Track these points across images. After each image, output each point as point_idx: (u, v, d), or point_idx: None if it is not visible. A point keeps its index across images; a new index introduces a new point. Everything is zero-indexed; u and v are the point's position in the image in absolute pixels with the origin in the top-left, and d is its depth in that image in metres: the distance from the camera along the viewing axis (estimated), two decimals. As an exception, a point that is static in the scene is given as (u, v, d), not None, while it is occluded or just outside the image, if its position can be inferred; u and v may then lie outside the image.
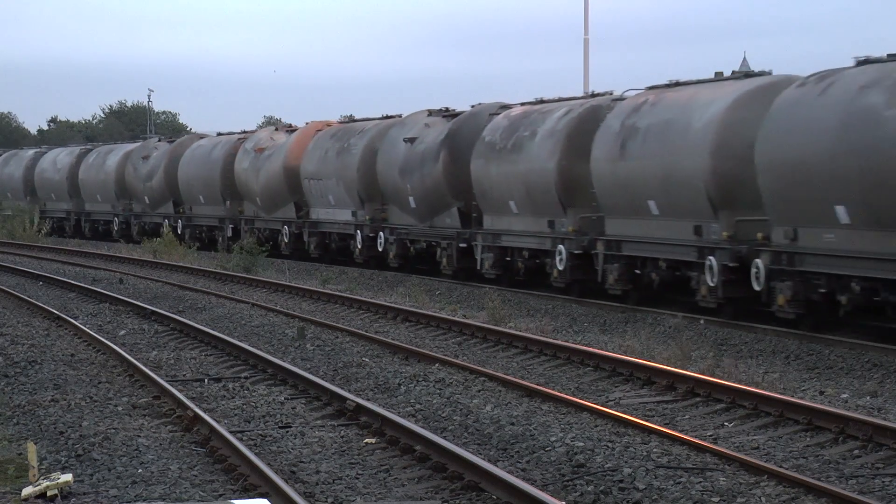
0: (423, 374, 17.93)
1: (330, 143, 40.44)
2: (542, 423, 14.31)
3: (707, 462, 12.46)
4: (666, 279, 25.33)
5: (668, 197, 24.94)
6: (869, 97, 20.18)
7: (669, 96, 25.83)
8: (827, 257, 20.96)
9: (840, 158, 20.40)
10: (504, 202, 30.68)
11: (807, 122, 21.22)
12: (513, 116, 31.50)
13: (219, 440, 13.36)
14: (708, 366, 18.17)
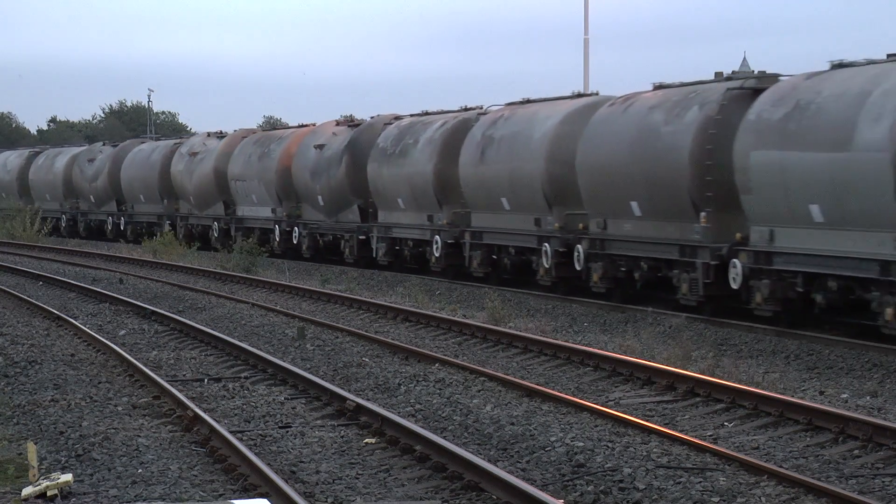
0: (423, 374, 17.94)
1: (253, 148, 45.88)
2: (542, 423, 14.32)
3: (707, 462, 12.46)
4: (514, 262, 30.80)
5: (515, 195, 30.25)
6: (653, 116, 25.50)
7: (519, 112, 31.18)
8: (625, 242, 26.40)
9: (633, 164, 25.60)
10: (394, 199, 35.94)
11: (611, 135, 26.60)
12: (402, 126, 36.71)
13: (219, 440, 13.36)
14: (708, 366, 18.17)
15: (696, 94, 24.99)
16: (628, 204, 25.91)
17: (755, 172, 22.40)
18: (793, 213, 21.70)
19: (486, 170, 31.22)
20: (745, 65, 59.55)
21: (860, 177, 20.22)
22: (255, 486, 11.66)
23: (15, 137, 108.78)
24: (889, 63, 21.11)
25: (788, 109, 21.95)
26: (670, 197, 24.80)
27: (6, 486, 11.97)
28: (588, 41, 57.99)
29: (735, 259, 23.00)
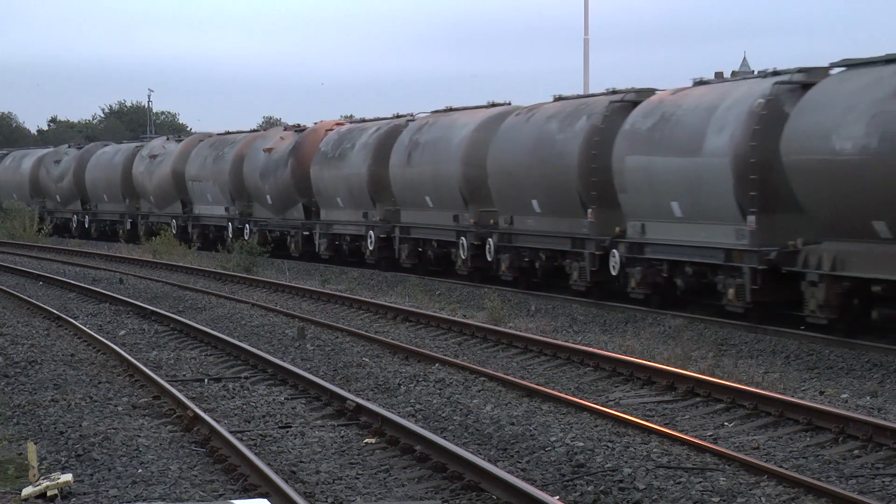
0: (423, 374, 17.94)
1: (208, 151, 49.60)
2: (542, 423, 14.32)
3: (707, 462, 12.46)
4: (437, 254, 34.47)
5: (437, 194, 33.79)
6: (550, 125, 29.06)
7: (442, 119, 34.98)
8: (528, 236, 30.03)
9: (533, 167, 29.13)
10: (333, 198, 39.76)
11: (516, 141, 30.24)
12: (341, 132, 40.63)
13: (219, 440, 13.36)
14: (708, 366, 18.17)
15: (586, 106, 28.56)
16: (530, 202, 29.63)
17: (629, 175, 25.92)
18: (658, 209, 25.16)
19: (412, 171, 34.89)
20: (746, 65, 59.53)
21: (708, 178, 23.65)
22: (255, 486, 11.66)
23: (15, 137, 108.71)
24: (734, 81, 25.03)
25: (655, 120, 25.45)
26: (563, 196, 28.36)
27: (6, 486, 11.97)
28: (588, 41, 57.96)
29: (615, 249, 26.47)
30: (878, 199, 19.80)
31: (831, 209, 20.94)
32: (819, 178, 20.98)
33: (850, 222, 20.56)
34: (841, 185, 20.54)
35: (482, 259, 31.83)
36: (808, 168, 21.21)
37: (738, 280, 22.89)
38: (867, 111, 20.16)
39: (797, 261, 21.60)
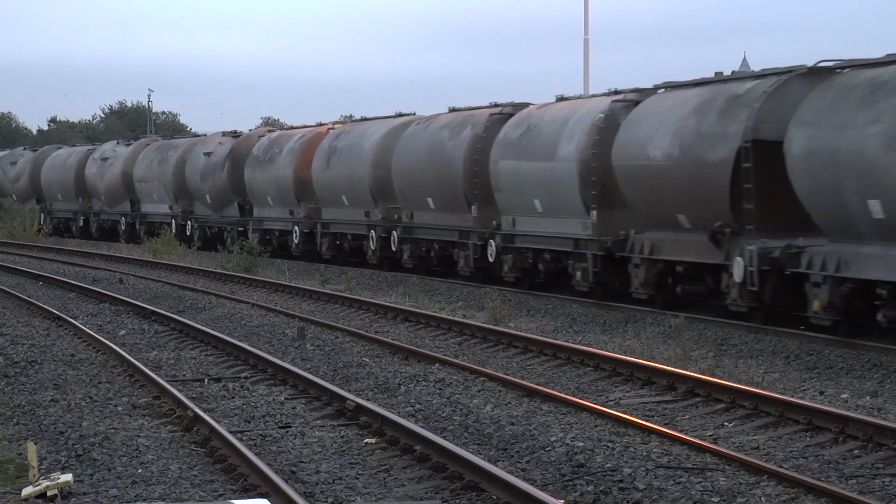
0: (423, 374, 17.94)
1: (154, 154, 54.61)
2: (542, 423, 14.31)
3: (707, 462, 12.46)
4: (352, 246, 39.35)
5: (351, 193, 38.74)
6: (442, 133, 33.85)
7: (357, 127, 40.48)
8: (425, 229, 34.89)
9: (428, 170, 33.91)
10: (264, 198, 44.73)
11: (415, 147, 35.03)
12: (271, 138, 45.98)
13: (219, 440, 13.36)
14: (708, 366, 18.17)
15: (471, 118, 33.28)
16: (426, 199, 34.57)
17: (502, 176, 30.75)
18: (524, 205, 29.94)
19: (331, 173, 39.76)
20: (745, 65, 59.55)
21: (560, 180, 28.43)
22: (255, 486, 11.65)
23: (15, 137, 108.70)
24: (585, 98, 30.48)
25: (523, 131, 30.23)
26: (452, 194, 33.19)
27: (6, 486, 11.97)
28: (588, 41, 58.00)
29: (491, 240, 31.41)
30: (680, 196, 24.43)
31: (648, 205, 25.75)
32: (638, 179, 25.67)
33: (661, 216, 25.24)
34: (654, 185, 25.15)
35: (389, 250, 36.56)
36: (631, 171, 25.93)
37: (583, 264, 27.70)
38: (672, 126, 24.73)
39: (626, 247, 26.27)
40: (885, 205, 19.72)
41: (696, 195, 23.88)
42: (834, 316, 20.68)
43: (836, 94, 21.23)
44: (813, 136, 21.17)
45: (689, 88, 25.52)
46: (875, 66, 21.04)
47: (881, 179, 19.79)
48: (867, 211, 20.03)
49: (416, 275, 34.46)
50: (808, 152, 21.27)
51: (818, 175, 21.05)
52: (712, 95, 24.35)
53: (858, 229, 20.39)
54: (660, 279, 25.42)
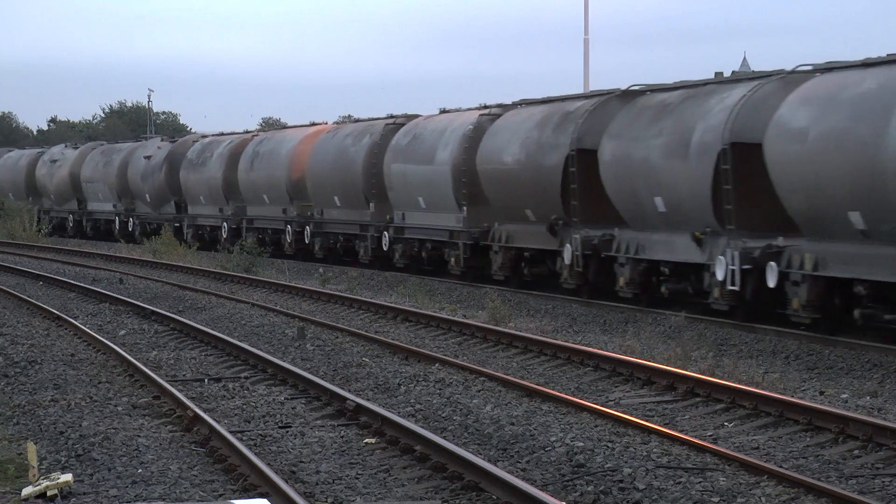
0: (423, 374, 17.93)
1: (100, 157, 60.34)
2: (542, 423, 14.31)
3: (707, 462, 12.46)
4: (272, 240, 44.47)
5: (271, 192, 44.39)
6: (347, 140, 39.68)
7: (277, 135, 46.97)
8: (332, 223, 40.60)
9: (335, 172, 39.56)
10: (197, 197, 50.48)
11: (325, 152, 40.63)
12: (204, 143, 51.60)
13: (219, 440, 13.35)
14: (708, 366, 18.17)
15: (371, 127, 38.98)
16: (333, 198, 39.98)
17: (394, 178, 36.16)
18: (411, 202, 35.36)
19: (255, 175, 45.46)
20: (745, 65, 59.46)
21: (438, 180, 33.76)
22: (255, 486, 11.65)
23: (15, 137, 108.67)
24: (460, 111, 35.07)
25: (410, 138, 35.69)
26: (354, 193, 38.79)
27: (6, 486, 11.96)
28: (588, 41, 58.01)
29: (385, 232, 36.64)
30: (526, 195, 29.70)
31: (503, 202, 31.11)
32: (496, 181, 31.25)
33: (513, 211, 30.62)
34: (507, 186, 30.64)
35: (303, 242, 42.05)
36: (490, 174, 31.54)
37: (456, 251, 33.15)
38: (521, 137, 30.14)
39: (489, 237, 31.77)
40: (665, 200, 24.94)
41: (538, 194, 29.19)
42: (634, 289, 26.17)
43: (636, 113, 26.50)
44: (617, 146, 26.56)
45: (537, 105, 31.10)
46: (665, 91, 26.51)
47: (662, 180, 24.92)
48: (654, 206, 25.29)
49: (325, 264, 39.33)
50: (614, 159, 26.57)
51: (620, 177, 26.40)
52: (551, 112, 29.56)
53: (650, 220, 25.71)
54: (514, 263, 31.01)
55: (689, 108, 24.88)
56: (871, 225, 20.03)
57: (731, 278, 22.66)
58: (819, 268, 20.99)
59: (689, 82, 26.30)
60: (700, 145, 23.88)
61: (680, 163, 24.39)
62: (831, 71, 22.19)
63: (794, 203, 21.77)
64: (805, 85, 22.20)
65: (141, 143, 58.35)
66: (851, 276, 20.46)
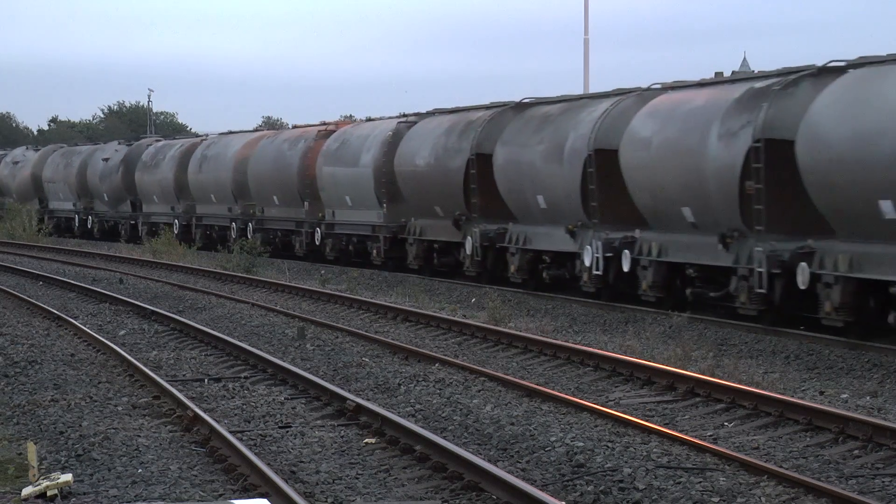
0: (423, 374, 17.93)
1: (60, 159, 64.62)
2: (542, 423, 14.31)
3: (707, 462, 12.46)
4: (219, 236, 48.53)
5: (217, 192, 48.59)
6: (284, 145, 43.81)
7: (223, 139, 50.84)
8: (273, 220, 44.83)
9: (274, 174, 43.75)
10: (151, 196, 55.04)
11: (266, 156, 44.74)
12: (157, 146, 56.05)
13: (219, 440, 13.35)
14: (708, 366, 18.16)
15: (305, 134, 43.36)
16: (272, 197, 44.18)
17: (325, 179, 40.25)
18: (340, 201, 39.60)
19: (203, 177, 49.87)
20: (746, 65, 59.44)
21: (362, 181, 37.91)
22: (255, 486, 11.65)
23: (15, 137, 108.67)
24: (383, 120, 39.78)
25: (339, 144, 39.92)
26: (290, 193, 42.70)
27: (6, 486, 11.97)
28: (588, 41, 58.00)
29: (318, 228, 40.75)
30: (435, 193, 33.81)
31: (417, 200, 35.18)
32: (410, 181, 35.28)
33: (425, 208, 34.71)
34: (420, 185, 34.75)
35: (247, 237, 44.57)
36: (406, 175, 35.51)
37: (378, 244, 37.39)
38: (431, 142, 34.21)
39: (405, 231, 35.97)
40: (546, 199, 29.03)
41: (445, 193, 33.33)
42: (523, 275, 30.31)
43: (524, 122, 30.67)
44: (508, 152, 30.69)
45: (446, 115, 35.39)
46: (549, 104, 30.66)
47: (543, 181, 28.97)
48: (537, 203, 29.46)
49: (266, 257, 41.95)
50: (506, 163, 30.75)
51: (510, 179, 30.62)
52: (457, 121, 33.78)
53: (534, 215, 29.80)
54: (427, 253, 35.24)
55: (565, 119, 28.85)
56: (698, 218, 24.09)
57: (595, 265, 26.79)
58: (662, 254, 25.26)
59: (570, 97, 30.95)
60: (572, 151, 27.84)
61: (557, 166, 28.43)
62: (675, 89, 26.34)
63: (642, 200, 25.86)
64: (652, 101, 26.26)
65: (99, 146, 62.67)
66: (686, 261, 24.63)
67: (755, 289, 22.24)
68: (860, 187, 20.12)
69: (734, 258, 22.90)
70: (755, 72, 26.34)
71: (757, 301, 22.39)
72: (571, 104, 29.63)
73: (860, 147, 20.18)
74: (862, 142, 20.17)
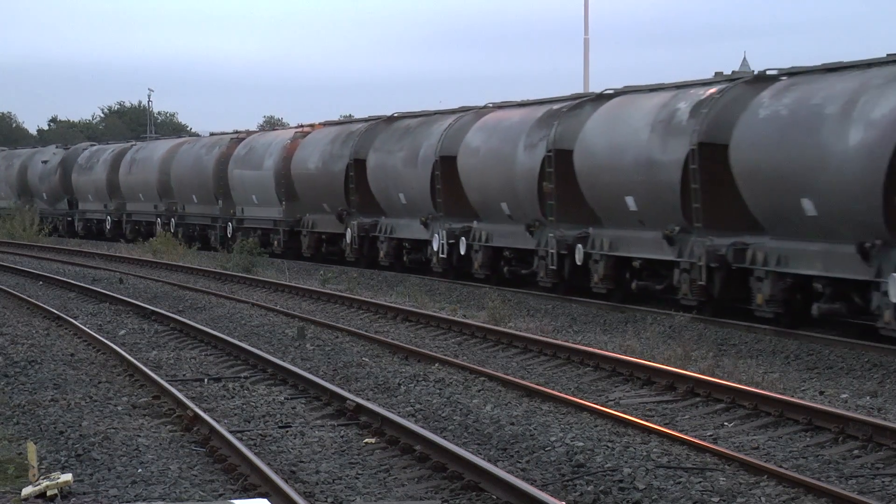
0: (423, 374, 17.93)
1: (2, 161, 72.20)
2: (542, 423, 14.31)
3: (707, 462, 12.46)
4: (145, 231, 55.30)
5: (145, 192, 55.48)
6: (202, 150, 50.77)
7: (150, 145, 58.43)
8: (192, 216, 51.24)
9: (193, 175, 50.56)
10: (86, 195, 62.30)
11: (185, 159, 51.61)
12: (92, 150, 63.04)
13: (219, 440, 13.35)
14: (708, 366, 18.16)
15: (220, 140, 50.27)
16: (192, 196, 51.11)
17: (235, 181, 47.05)
18: (247, 199, 46.25)
19: (132, 178, 56.82)
20: (746, 65, 59.41)
21: (266, 182, 44.54)
22: (255, 486, 11.65)
23: (15, 137, 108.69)
24: (285, 129, 48.75)
25: (248, 150, 46.61)
26: (207, 193, 49.43)
27: (6, 486, 11.96)
28: (588, 41, 58.05)
29: (230, 223, 47.56)
30: (323, 193, 40.66)
31: (309, 198, 41.92)
32: (304, 182, 42.10)
33: (315, 205, 41.59)
34: (311, 186, 41.54)
35: (170, 231, 50.97)
36: (300, 177, 42.29)
37: (278, 236, 44.06)
38: (320, 149, 41.18)
39: (300, 225, 42.38)
40: (405, 196, 35.84)
41: (330, 192, 40.04)
42: (390, 260, 37.00)
43: (391, 133, 37.67)
44: (378, 157, 37.45)
45: (333, 126, 43.00)
46: (412, 118, 37.65)
47: (404, 182, 35.90)
48: (399, 200, 36.21)
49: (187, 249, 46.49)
50: (376, 167, 37.54)
51: (380, 180, 37.39)
52: (341, 131, 40.85)
53: (398, 210, 36.67)
54: (317, 244, 41.71)
55: (421, 131, 35.85)
56: (512, 211, 30.79)
57: (441, 249, 33.68)
58: (488, 240, 32.05)
59: (427, 112, 37.56)
60: (424, 157, 34.84)
61: (413, 169, 35.23)
62: (501, 108, 33.43)
63: (474, 197, 32.72)
64: (484, 118, 33.32)
65: (38, 150, 69.91)
66: (503, 245, 31.54)
67: (549, 265, 28.97)
68: (613, 187, 26.67)
69: (536, 242, 29.77)
70: (556, 97, 31.34)
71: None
72: (427, 118, 36.57)
73: (613, 156, 26.59)
74: (614, 152, 26.55)
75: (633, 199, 25.97)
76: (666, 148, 25.08)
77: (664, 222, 25.13)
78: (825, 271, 21.22)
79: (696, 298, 24.28)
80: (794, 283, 22.17)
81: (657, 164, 25.26)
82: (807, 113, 21.62)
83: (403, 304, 27.28)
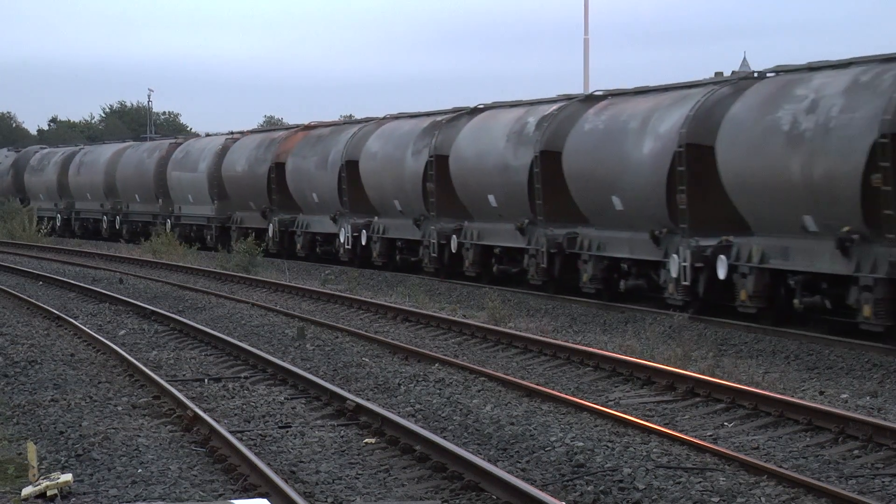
0: (423, 374, 17.93)
1: None
2: (542, 423, 14.31)
3: (707, 462, 12.46)
4: (92, 228, 60.51)
5: (92, 191, 59.72)
6: (144, 154, 55.59)
7: (98, 149, 62.31)
8: (136, 214, 55.98)
9: (137, 177, 55.31)
10: (38, 194, 66.73)
11: (129, 162, 56.44)
12: (42, 153, 68.95)
13: (219, 440, 13.35)
14: (708, 366, 18.16)
15: (160, 145, 55.71)
16: (135, 195, 55.84)
17: (173, 182, 51.68)
18: (184, 198, 50.88)
19: (80, 179, 61.64)
20: (745, 65, 59.37)
21: (198, 184, 49.21)
22: (254, 486, 11.65)
23: (15, 137, 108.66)
24: (216, 135, 52.18)
25: (184, 153, 51.55)
26: (148, 193, 54.14)
27: (6, 486, 11.96)
28: (588, 41, 58.06)
29: (168, 220, 51.78)
30: (249, 193, 45.65)
31: (238, 197, 46.53)
32: (233, 183, 46.86)
33: (244, 204, 46.09)
34: (239, 187, 46.36)
35: (115, 228, 57.79)
36: (230, 179, 47.06)
37: (211, 232, 48.59)
38: (246, 154, 46.17)
39: (229, 221, 47.25)
40: (318, 195, 40.99)
41: (255, 191, 45.10)
42: (307, 252, 41.97)
43: (307, 140, 42.65)
44: (295, 161, 42.54)
45: (258, 133, 49.38)
46: (325, 127, 43.29)
47: (316, 183, 40.91)
48: (314, 199, 41.35)
49: (130, 243, 53.11)
50: (294, 169, 42.59)
51: (297, 181, 42.34)
52: (265, 139, 46.23)
53: (312, 208, 41.64)
54: (245, 238, 42.89)
55: (331, 138, 41.21)
56: (403, 208, 35.73)
57: (346, 241, 38.90)
58: (385, 233, 37.09)
59: (338, 122, 44.69)
60: (332, 162, 39.91)
61: (324, 172, 40.39)
62: (397, 119, 38.42)
63: (373, 196, 37.59)
64: (382, 127, 38.30)
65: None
66: (396, 237, 36.55)
67: (431, 253, 34.15)
68: (479, 187, 31.97)
69: (422, 234, 34.72)
70: (439, 110, 36.60)
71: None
72: (337, 128, 42.35)
73: (479, 161, 31.88)
74: (480, 157, 31.88)
75: (493, 197, 31.29)
76: (517, 154, 30.33)
77: (518, 216, 30.22)
78: (630, 254, 26.43)
79: (540, 279, 29.33)
80: (609, 264, 27.28)
81: (511, 168, 30.50)
82: (617, 127, 26.93)
83: (403, 304, 27.28)
